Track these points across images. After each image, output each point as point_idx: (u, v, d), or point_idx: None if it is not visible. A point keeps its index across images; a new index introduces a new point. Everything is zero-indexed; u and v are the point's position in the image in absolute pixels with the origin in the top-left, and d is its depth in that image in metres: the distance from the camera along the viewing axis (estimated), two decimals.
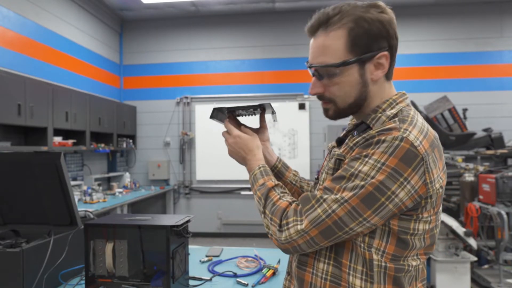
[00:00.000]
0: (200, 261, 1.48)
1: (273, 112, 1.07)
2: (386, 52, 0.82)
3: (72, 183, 4.41)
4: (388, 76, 0.87)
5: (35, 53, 4.20)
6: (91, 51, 5.43)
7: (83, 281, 1.16)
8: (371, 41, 0.81)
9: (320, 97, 0.88)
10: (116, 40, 6.24)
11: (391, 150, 0.74)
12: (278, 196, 0.87)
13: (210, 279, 1.28)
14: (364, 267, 0.79)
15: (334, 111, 0.88)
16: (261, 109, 1.04)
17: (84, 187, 4.58)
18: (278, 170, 1.08)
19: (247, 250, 1.61)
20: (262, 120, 1.09)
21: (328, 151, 0.99)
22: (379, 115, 0.84)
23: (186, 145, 6.17)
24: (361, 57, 0.81)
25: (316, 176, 1.09)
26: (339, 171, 0.80)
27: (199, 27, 6.17)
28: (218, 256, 1.55)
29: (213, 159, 5.87)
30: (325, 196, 0.78)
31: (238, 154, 1.00)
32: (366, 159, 0.76)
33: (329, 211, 0.76)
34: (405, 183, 0.73)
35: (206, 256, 1.53)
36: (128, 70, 6.36)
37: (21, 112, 3.52)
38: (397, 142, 0.74)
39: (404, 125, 0.77)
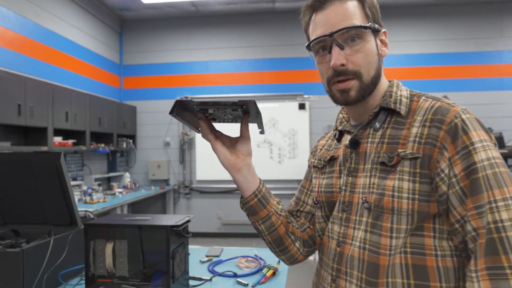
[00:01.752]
0: (200, 261, 1.48)
1: (257, 114, 0.79)
2: (385, 30, 0.85)
3: (72, 183, 4.41)
4: None
5: (35, 53, 4.20)
6: (91, 51, 5.43)
7: (83, 281, 1.16)
8: (377, 15, 0.83)
9: (342, 72, 0.79)
10: (116, 40, 6.24)
11: (478, 125, 0.74)
12: None
13: (210, 279, 1.28)
14: None
15: (358, 89, 0.80)
16: (243, 111, 0.78)
17: (84, 187, 4.58)
18: (262, 196, 0.90)
19: (247, 250, 1.61)
20: (243, 126, 0.85)
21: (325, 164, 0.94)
22: (398, 97, 0.83)
23: (186, 145, 6.17)
24: (375, 25, 0.80)
25: (315, 201, 0.96)
26: (469, 182, 0.70)
27: (199, 27, 6.17)
28: (218, 256, 1.55)
29: (213, 159, 5.79)
30: None
31: None
32: (470, 149, 0.71)
33: None
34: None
35: (206, 256, 1.53)
36: (128, 70, 6.36)
37: (21, 112, 3.52)
38: (469, 115, 0.74)
39: (442, 99, 0.80)
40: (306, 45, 0.86)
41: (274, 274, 1.33)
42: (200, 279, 1.28)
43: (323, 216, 0.94)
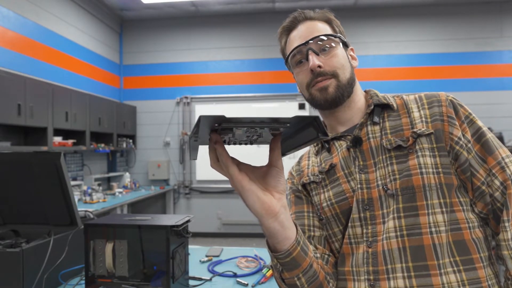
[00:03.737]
0: (200, 261, 1.48)
1: (318, 135, 0.54)
2: (352, 47, 0.95)
3: (72, 183, 4.41)
4: None
5: (35, 53, 4.19)
6: (91, 51, 5.43)
7: (83, 281, 1.16)
8: (344, 34, 0.94)
9: (319, 73, 0.86)
10: (116, 40, 6.24)
11: (460, 103, 0.85)
12: None
13: (210, 279, 1.28)
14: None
15: (335, 87, 0.86)
16: (273, 130, 0.55)
17: (84, 187, 4.58)
18: (304, 241, 0.71)
19: (247, 250, 1.61)
20: (275, 152, 0.61)
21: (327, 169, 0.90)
22: (385, 96, 0.92)
23: (186, 145, 6.17)
24: (343, 37, 0.92)
25: (320, 217, 0.89)
26: (478, 138, 0.81)
27: (199, 27, 6.17)
28: (218, 256, 1.55)
29: None
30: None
31: None
32: (471, 118, 0.83)
33: None
34: None
35: (206, 256, 1.53)
36: (128, 70, 6.35)
37: (21, 112, 3.52)
38: (451, 97, 0.86)
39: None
40: (284, 61, 0.97)
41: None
42: (200, 279, 1.28)
43: (341, 231, 0.86)
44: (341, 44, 0.90)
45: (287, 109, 5.90)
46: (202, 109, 6.08)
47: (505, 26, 5.69)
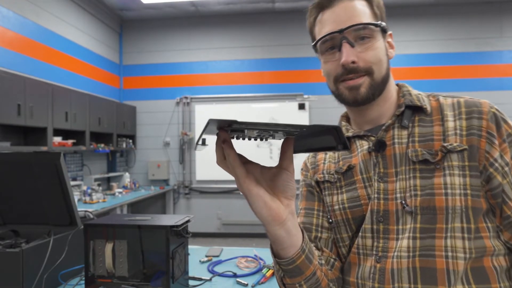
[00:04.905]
0: (200, 261, 1.48)
1: (338, 146, 0.53)
2: (391, 32, 0.82)
3: (72, 183, 4.41)
4: None
5: (35, 53, 4.19)
6: (91, 51, 5.43)
7: (83, 281, 1.16)
8: (384, 16, 0.80)
9: (352, 70, 0.76)
10: (116, 40, 6.24)
11: (504, 117, 0.76)
12: None
13: (210, 279, 1.28)
14: None
15: (368, 86, 0.76)
16: (286, 133, 0.53)
17: (84, 187, 4.58)
18: (309, 249, 0.68)
19: (247, 250, 1.61)
20: (287, 154, 0.57)
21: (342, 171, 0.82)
22: (419, 95, 0.81)
23: (186, 145, 6.17)
24: (384, 24, 0.78)
25: (330, 221, 0.84)
26: None
27: (199, 27, 6.17)
28: (217, 256, 1.55)
29: (213, 159, 5.81)
30: None
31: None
32: None
33: None
34: None
35: (206, 256, 1.53)
36: (128, 70, 6.35)
37: (20, 112, 3.51)
38: (494, 109, 0.76)
39: (456, 95, 0.80)
40: (312, 44, 0.82)
41: (273, 274, 1.33)
42: (199, 279, 1.28)
43: (350, 237, 0.81)
44: (381, 33, 0.78)
45: (287, 109, 5.90)
46: (202, 109, 6.08)
47: (505, 26, 5.69)
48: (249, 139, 0.55)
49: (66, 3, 4.84)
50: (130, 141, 6.00)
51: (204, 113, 6.03)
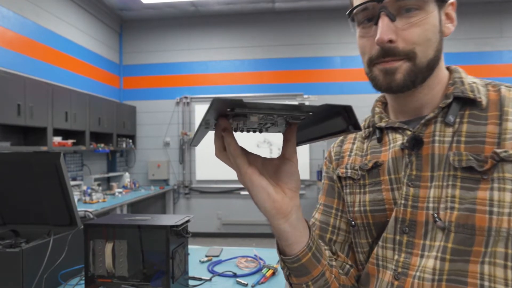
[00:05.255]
0: (199, 261, 1.48)
1: (349, 127, 0.46)
2: (454, 0, 0.66)
3: (72, 183, 4.41)
4: None
5: (35, 53, 4.19)
6: (91, 51, 5.43)
7: (83, 281, 1.16)
8: None
9: (389, 51, 0.61)
10: (116, 40, 6.24)
11: None
12: None
13: (210, 279, 1.28)
14: None
15: (407, 71, 0.61)
16: (288, 120, 0.48)
17: (84, 187, 4.58)
18: (316, 247, 0.62)
19: (247, 250, 1.61)
20: (290, 143, 0.54)
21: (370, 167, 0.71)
22: (473, 85, 0.66)
23: (186, 145, 6.17)
24: None
25: (351, 223, 0.75)
26: None
27: (199, 27, 6.17)
28: (217, 256, 1.55)
29: (213, 159, 5.79)
30: None
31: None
32: None
33: None
34: None
35: (206, 256, 1.53)
36: (128, 70, 6.36)
37: (20, 112, 3.52)
38: None
39: None
40: (347, 12, 0.68)
41: (273, 274, 1.33)
42: (199, 279, 1.28)
43: (369, 244, 0.72)
44: (436, 4, 0.63)
45: None
46: (202, 109, 6.08)
47: (505, 26, 5.69)
48: (248, 131, 0.52)
49: (66, 3, 4.84)
50: (130, 141, 6.00)
51: (204, 113, 6.02)
